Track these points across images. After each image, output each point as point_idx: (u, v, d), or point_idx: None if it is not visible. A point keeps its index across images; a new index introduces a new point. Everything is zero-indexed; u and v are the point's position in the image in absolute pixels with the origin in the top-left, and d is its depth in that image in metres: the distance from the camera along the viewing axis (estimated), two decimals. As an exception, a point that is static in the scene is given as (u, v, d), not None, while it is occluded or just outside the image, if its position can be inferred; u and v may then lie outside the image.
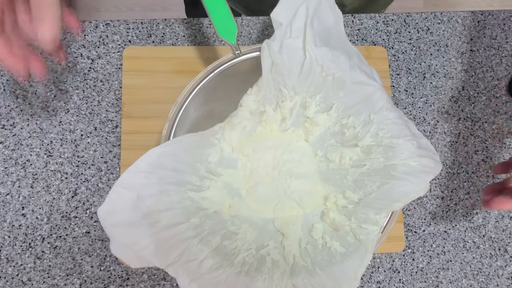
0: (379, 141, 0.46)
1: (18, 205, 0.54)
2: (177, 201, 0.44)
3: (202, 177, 0.47)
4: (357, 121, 0.48)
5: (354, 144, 0.49)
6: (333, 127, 0.50)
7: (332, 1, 0.47)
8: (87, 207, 0.55)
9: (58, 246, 0.54)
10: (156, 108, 0.57)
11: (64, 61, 0.54)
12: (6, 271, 0.53)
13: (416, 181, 0.44)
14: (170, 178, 0.43)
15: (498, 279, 0.57)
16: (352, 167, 0.50)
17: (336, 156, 0.50)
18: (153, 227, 0.41)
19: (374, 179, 0.47)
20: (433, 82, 0.61)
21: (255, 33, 0.60)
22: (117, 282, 0.54)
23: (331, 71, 0.46)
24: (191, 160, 0.46)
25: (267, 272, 0.44)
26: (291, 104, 0.50)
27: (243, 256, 0.45)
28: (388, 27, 0.62)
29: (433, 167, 0.45)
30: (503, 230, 0.59)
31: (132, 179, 0.41)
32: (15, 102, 0.55)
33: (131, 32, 0.58)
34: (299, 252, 0.47)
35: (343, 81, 0.46)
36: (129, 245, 0.40)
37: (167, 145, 0.43)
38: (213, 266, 0.42)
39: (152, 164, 0.42)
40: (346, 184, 0.50)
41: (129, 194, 0.41)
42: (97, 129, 0.56)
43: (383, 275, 0.56)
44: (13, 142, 0.55)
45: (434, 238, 0.58)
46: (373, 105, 0.46)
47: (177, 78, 0.58)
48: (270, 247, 0.48)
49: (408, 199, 0.44)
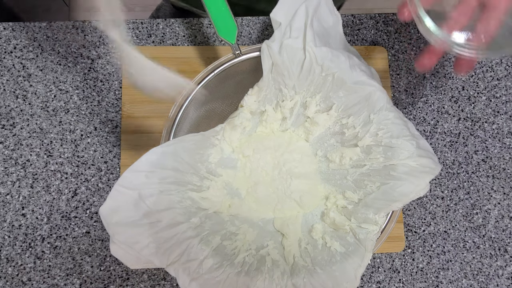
0: (379, 141, 0.46)
1: (18, 205, 0.54)
2: (177, 201, 0.44)
3: (202, 177, 0.47)
4: (357, 121, 0.48)
5: (354, 144, 0.49)
6: (333, 127, 0.50)
7: (330, 2, 0.47)
8: (87, 207, 0.55)
9: (58, 246, 0.54)
10: (156, 108, 0.57)
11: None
12: (6, 271, 0.53)
13: (415, 181, 0.44)
14: (171, 178, 0.43)
15: (498, 279, 0.57)
16: (352, 167, 0.50)
17: (336, 156, 0.50)
18: (154, 226, 0.41)
19: (374, 179, 0.47)
20: (433, 82, 0.61)
21: (255, 33, 0.60)
22: (117, 282, 0.54)
23: (331, 71, 0.46)
24: (192, 160, 0.46)
25: (267, 272, 0.44)
26: (291, 103, 0.50)
27: (243, 256, 0.45)
28: (388, 27, 0.62)
29: (433, 167, 0.45)
30: (503, 230, 0.59)
31: (133, 178, 0.41)
32: (15, 102, 0.55)
33: (131, 32, 0.58)
34: (299, 252, 0.47)
35: (343, 81, 0.46)
36: (129, 244, 0.40)
37: (168, 145, 0.43)
38: (213, 266, 0.42)
39: (153, 163, 0.42)
40: (346, 184, 0.50)
41: (130, 193, 0.41)
42: (97, 129, 0.56)
43: (383, 275, 0.56)
44: (13, 142, 0.55)
45: (434, 238, 0.58)
46: (373, 105, 0.46)
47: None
48: (270, 247, 0.48)
49: (407, 199, 0.44)
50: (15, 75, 0.56)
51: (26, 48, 0.57)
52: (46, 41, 0.57)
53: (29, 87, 0.56)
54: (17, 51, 0.56)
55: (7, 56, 0.56)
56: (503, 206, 0.59)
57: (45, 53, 0.57)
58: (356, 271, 0.43)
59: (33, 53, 0.56)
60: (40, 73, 0.56)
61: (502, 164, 0.60)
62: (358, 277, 0.43)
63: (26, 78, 0.56)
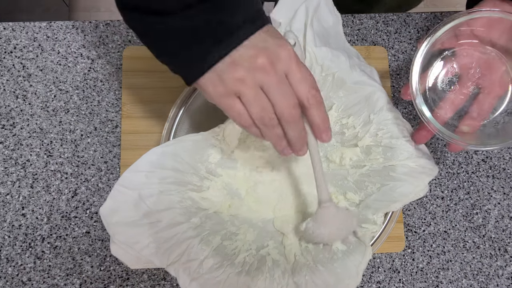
0: (379, 141, 0.46)
1: (18, 205, 0.54)
2: (177, 201, 0.44)
3: (202, 178, 0.47)
4: (357, 121, 0.48)
5: (354, 144, 0.49)
6: (333, 126, 0.50)
7: (330, 2, 0.47)
8: (87, 207, 0.55)
9: (58, 246, 0.54)
10: (156, 108, 0.57)
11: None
12: (6, 271, 0.53)
13: (415, 182, 0.44)
14: (171, 178, 0.43)
15: (498, 279, 0.57)
16: (352, 167, 0.50)
17: (336, 156, 0.50)
18: (154, 226, 0.41)
19: (374, 180, 0.47)
20: (433, 82, 0.62)
21: (255, 33, 0.60)
22: (117, 282, 0.54)
23: (331, 70, 0.46)
24: (192, 161, 0.46)
25: (267, 271, 0.44)
26: (291, 103, 0.50)
27: (244, 256, 0.45)
28: (388, 27, 0.62)
29: (431, 168, 0.45)
30: (503, 230, 0.59)
31: (133, 178, 0.41)
32: (15, 102, 0.55)
33: (131, 32, 0.58)
34: (300, 251, 0.47)
35: (343, 81, 0.46)
36: (130, 244, 0.40)
37: (168, 145, 0.43)
38: (214, 266, 0.42)
39: (153, 163, 0.42)
40: (347, 185, 0.50)
41: (131, 193, 0.41)
42: (97, 129, 0.56)
43: (383, 275, 0.56)
44: (13, 142, 0.55)
45: (434, 238, 0.58)
46: (373, 105, 0.46)
47: (177, 78, 0.57)
48: (270, 247, 0.48)
49: (407, 200, 0.44)
50: (15, 75, 0.56)
51: (26, 48, 0.57)
52: (46, 41, 0.57)
53: (29, 87, 0.56)
54: (17, 51, 0.56)
55: (7, 56, 0.56)
56: (503, 206, 0.59)
57: (45, 53, 0.57)
58: (357, 267, 0.43)
59: (33, 53, 0.56)
60: (40, 73, 0.56)
61: (502, 164, 0.60)
62: (360, 273, 0.43)
63: (26, 78, 0.56)
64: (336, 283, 0.42)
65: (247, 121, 0.35)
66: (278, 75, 0.34)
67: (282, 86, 0.34)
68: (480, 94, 0.44)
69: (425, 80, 0.45)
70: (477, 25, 0.43)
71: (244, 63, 0.33)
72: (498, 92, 0.44)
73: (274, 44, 0.34)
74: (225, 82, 0.34)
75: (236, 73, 0.33)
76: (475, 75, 0.45)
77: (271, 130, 0.36)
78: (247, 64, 0.33)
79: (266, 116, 0.35)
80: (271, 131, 0.36)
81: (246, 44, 0.33)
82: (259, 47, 0.34)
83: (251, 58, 0.33)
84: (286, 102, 0.35)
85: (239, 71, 0.33)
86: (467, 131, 0.45)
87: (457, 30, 0.42)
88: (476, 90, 0.45)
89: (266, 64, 0.33)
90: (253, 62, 0.33)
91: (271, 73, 0.34)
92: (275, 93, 0.34)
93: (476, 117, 0.45)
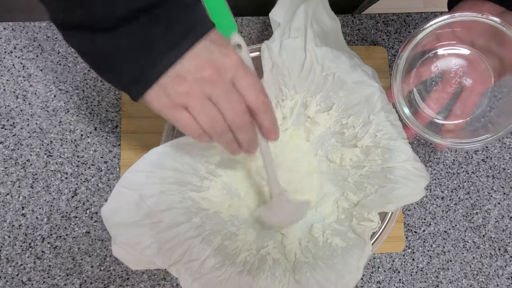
0: (377, 142, 0.46)
1: (18, 205, 0.54)
2: (178, 201, 0.44)
3: (203, 178, 0.47)
4: (356, 121, 0.48)
5: (354, 145, 0.49)
6: (334, 126, 0.50)
7: (328, 6, 0.47)
8: (87, 207, 0.54)
9: (58, 246, 0.54)
10: (156, 108, 0.57)
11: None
12: (6, 271, 0.53)
13: (411, 185, 0.44)
14: (171, 178, 0.43)
15: (498, 279, 0.58)
16: (352, 168, 0.50)
17: (336, 157, 0.51)
18: (155, 227, 0.41)
19: (372, 182, 0.47)
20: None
21: (255, 33, 0.60)
22: (117, 282, 0.54)
23: (332, 70, 0.46)
24: (192, 161, 0.46)
25: (269, 270, 0.44)
26: (291, 103, 0.50)
27: (244, 255, 0.45)
28: (388, 27, 0.62)
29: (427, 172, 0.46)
30: (503, 230, 0.59)
31: (134, 178, 0.41)
32: (15, 102, 0.55)
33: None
34: (300, 250, 0.47)
35: (343, 81, 0.46)
36: (131, 245, 0.40)
37: (168, 145, 0.43)
38: (215, 266, 0.42)
39: (153, 163, 0.42)
40: (348, 186, 0.50)
41: (131, 194, 0.41)
42: (97, 129, 0.56)
43: (383, 275, 0.56)
44: (13, 142, 0.55)
45: (434, 238, 0.58)
46: (372, 106, 0.46)
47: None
48: (270, 246, 0.48)
49: (402, 202, 0.44)
50: (15, 75, 0.56)
51: (26, 48, 0.56)
52: (46, 41, 0.57)
53: (29, 87, 0.56)
54: (17, 51, 0.56)
55: (7, 56, 0.56)
56: (503, 206, 0.59)
57: (45, 53, 0.57)
58: (358, 262, 0.43)
59: (33, 53, 0.56)
60: (40, 73, 0.56)
61: (502, 164, 0.60)
62: (361, 268, 0.43)
63: (26, 78, 0.56)
64: (337, 279, 0.42)
65: (196, 131, 0.35)
66: (225, 85, 0.34)
67: (230, 96, 0.34)
68: (462, 92, 0.46)
69: (409, 82, 0.47)
70: (457, 27, 0.44)
71: (189, 75, 0.32)
72: (480, 89, 0.46)
73: (219, 53, 0.33)
74: (171, 96, 0.33)
75: (181, 87, 0.33)
76: (457, 74, 0.47)
77: (222, 136, 0.36)
78: (192, 76, 0.33)
79: (217, 126, 0.35)
80: (222, 138, 0.36)
81: (190, 55, 0.32)
82: (204, 58, 0.33)
83: (196, 71, 0.32)
84: (236, 110, 0.34)
85: (184, 85, 0.33)
86: (452, 128, 0.47)
87: (438, 32, 0.44)
88: (458, 89, 0.47)
89: (212, 76, 0.33)
90: (199, 74, 0.33)
91: (218, 84, 0.33)
92: (224, 103, 0.34)
93: (460, 114, 0.47)
